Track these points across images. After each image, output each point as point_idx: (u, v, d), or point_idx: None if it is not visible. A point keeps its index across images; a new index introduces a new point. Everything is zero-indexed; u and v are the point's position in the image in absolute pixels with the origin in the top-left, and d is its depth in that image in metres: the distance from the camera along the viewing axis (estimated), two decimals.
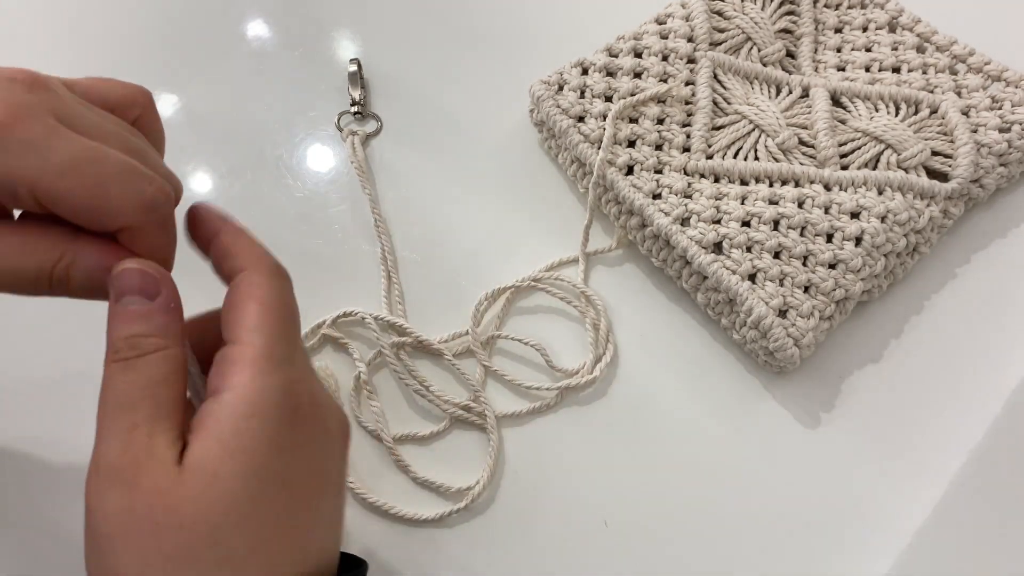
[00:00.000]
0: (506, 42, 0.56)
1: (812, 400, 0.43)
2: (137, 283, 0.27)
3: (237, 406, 0.25)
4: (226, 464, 0.25)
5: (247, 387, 0.25)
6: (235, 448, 0.25)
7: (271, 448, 0.25)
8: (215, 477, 0.25)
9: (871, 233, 0.42)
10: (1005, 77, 0.49)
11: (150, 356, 0.26)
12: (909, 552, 0.38)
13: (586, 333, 0.44)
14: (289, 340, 0.27)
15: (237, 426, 0.25)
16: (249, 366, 0.26)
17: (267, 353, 0.26)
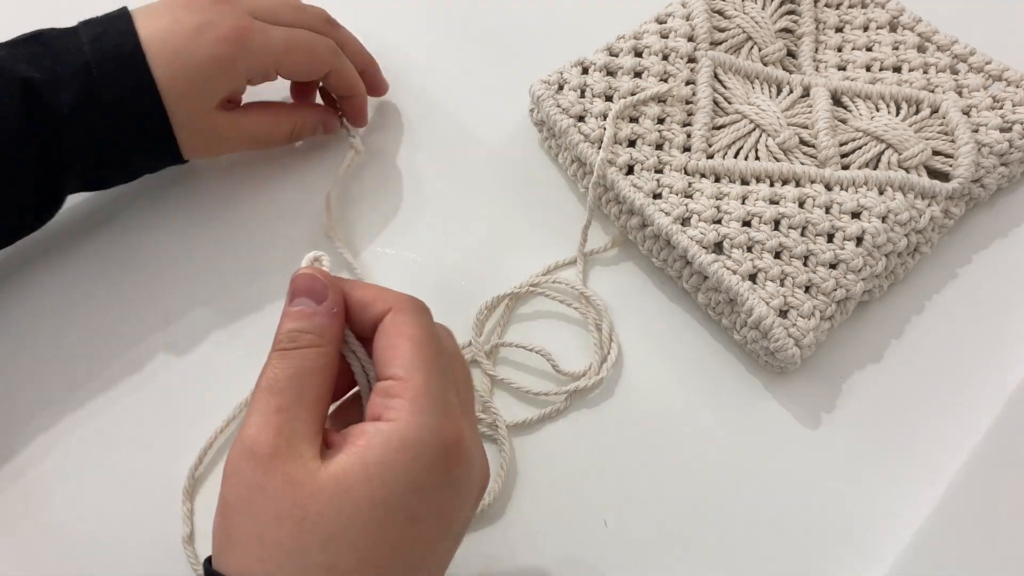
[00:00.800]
0: (506, 42, 0.56)
1: (813, 400, 0.43)
2: (308, 286, 0.30)
3: (391, 437, 0.27)
4: (362, 486, 0.26)
5: (405, 421, 0.27)
6: (375, 475, 0.26)
7: (408, 485, 0.27)
8: (348, 492, 0.26)
9: (872, 233, 0.42)
10: (1006, 77, 0.49)
11: (304, 350, 0.29)
12: (909, 552, 0.38)
13: (588, 335, 0.44)
14: (441, 376, 0.29)
15: (385, 456, 0.27)
16: (409, 401, 0.28)
17: (425, 390, 0.28)
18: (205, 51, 0.40)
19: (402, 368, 0.28)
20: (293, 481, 0.26)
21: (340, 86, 0.47)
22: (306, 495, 0.26)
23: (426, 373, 0.28)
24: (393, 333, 0.30)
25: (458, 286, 0.46)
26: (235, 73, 0.41)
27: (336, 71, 0.45)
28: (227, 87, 0.42)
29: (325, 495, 0.26)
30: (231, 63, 0.41)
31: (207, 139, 0.43)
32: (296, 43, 0.43)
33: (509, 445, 0.41)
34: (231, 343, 0.44)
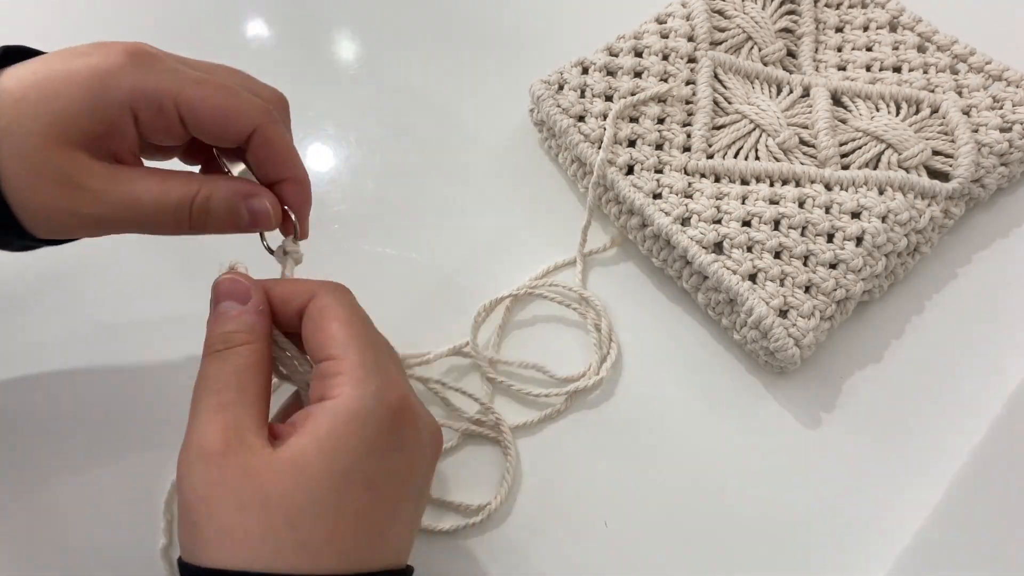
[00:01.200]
0: (506, 42, 0.56)
1: (813, 400, 0.43)
2: (230, 289, 0.31)
3: (338, 410, 0.28)
4: (317, 460, 0.27)
5: (347, 395, 0.28)
6: (328, 448, 0.27)
7: (362, 451, 0.28)
8: (304, 469, 0.27)
9: (872, 233, 0.42)
10: (1006, 77, 0.49)
11: (238, 348, 0.30)
12: (909, 552, 0.38)
13: (587, 335, 0.44)
14: (376, 347, 0.30)
15: (334, 429, 0.28)
16: (348, 375, 0.29)
17: (360, 362, 0.29)
18: (80, 62, 0.30)
19: (336, 347, 0.29)
20: (250, 470, 0.27)
21: (269, 160, 0.33)
22: (265, 480, 0.26)
23: (359, 347, 0.29)
24: (318, 317, 0.30)
25: (458, 286, 0.46)
26: (114, 90, 0.30)
27: (264, 133, 0.32)
28: (99, 111, 0.30)
29: (284, 476, 0.27)
30: (111, 75, 0.30)
31: (62, 194, 0.30)
32: (212, 81, 0.32)
33: (515, 449, 0.41)
34: None
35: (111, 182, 0.30)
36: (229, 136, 0.32)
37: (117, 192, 0.31)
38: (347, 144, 0.52)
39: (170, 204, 0.31)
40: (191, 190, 0.31)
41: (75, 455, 0.41)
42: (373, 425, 0.28)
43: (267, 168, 0.33)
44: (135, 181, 0.31)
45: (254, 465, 0.27)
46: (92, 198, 0.30)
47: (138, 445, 0.41)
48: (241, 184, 0.33)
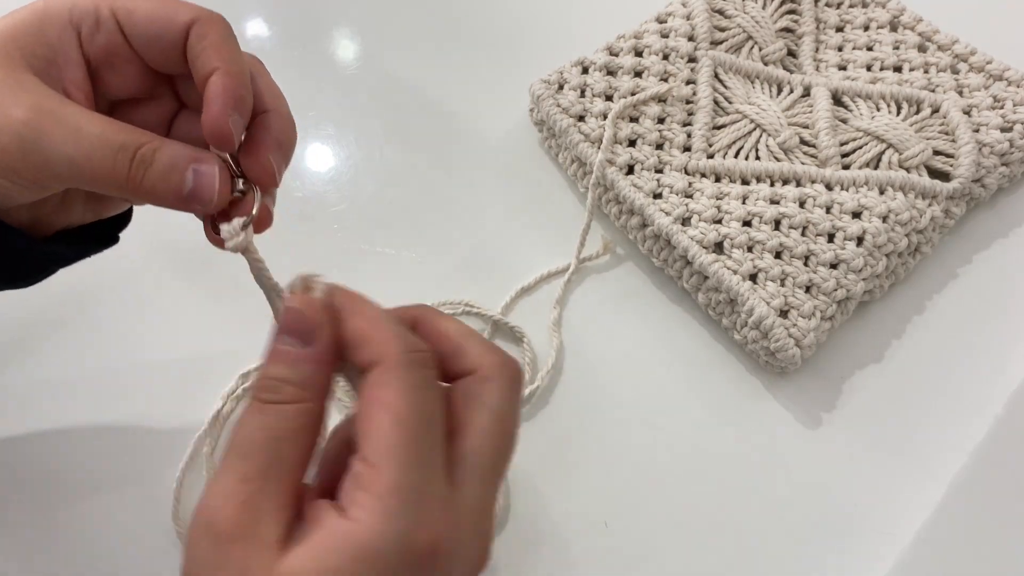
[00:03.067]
0: (506, 42, 0.56)
1: (813, 400, 0.42)
2: (295, 325, 0.25)
3: (350, 542, 0.23)
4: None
5: (367, 525, 0.23)
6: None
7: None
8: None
9: (873, 233, 0.42)
10: (1007, 76, 0.49)
11: (283, 407, 0.25)
12: (910, 552, 0.38)
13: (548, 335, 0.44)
14: (423, 465, 0.24)
15: (341, 564, 0.23)
16: (376, 499, 0.23)
17: (396, 486, 0.23)
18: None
19: (374, 452, 0.24)
20: (247, 570, 0.23)
21: (204, 51, 0.29)
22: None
23: (400, 464, 0.23)
24: (372, 399, 0.24)
25: (459, 286, 0.46)
26: (52, 10, 0.28)
27: (201, 27, 0.29)
28: (44, 28, 0.28)
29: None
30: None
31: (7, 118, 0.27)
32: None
33: None
34: (229, 339, 0.44)
35: (53, 102, 0.27)
36: (167, 34, 0.29)
37: (57, 112, 0.27)
38: (347, 144, 0.52)
39: (114, 144, 0.27)
40: (142, 138, 0.27)
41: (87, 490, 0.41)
42: (388, 570, 0.23)
43: (200, 62, 0.29)
44: (80, 112, 0.27)
45: (253, 566, 0.23)
46: (24, 113, 0.26)
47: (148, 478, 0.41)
48: (195, 149, 0.28)
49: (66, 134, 0.27)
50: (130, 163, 0.27)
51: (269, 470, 0.24)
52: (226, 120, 0.28)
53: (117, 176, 0.27)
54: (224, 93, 0.28)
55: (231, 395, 0.41)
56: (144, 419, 0.42)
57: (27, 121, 0.26)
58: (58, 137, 0.27)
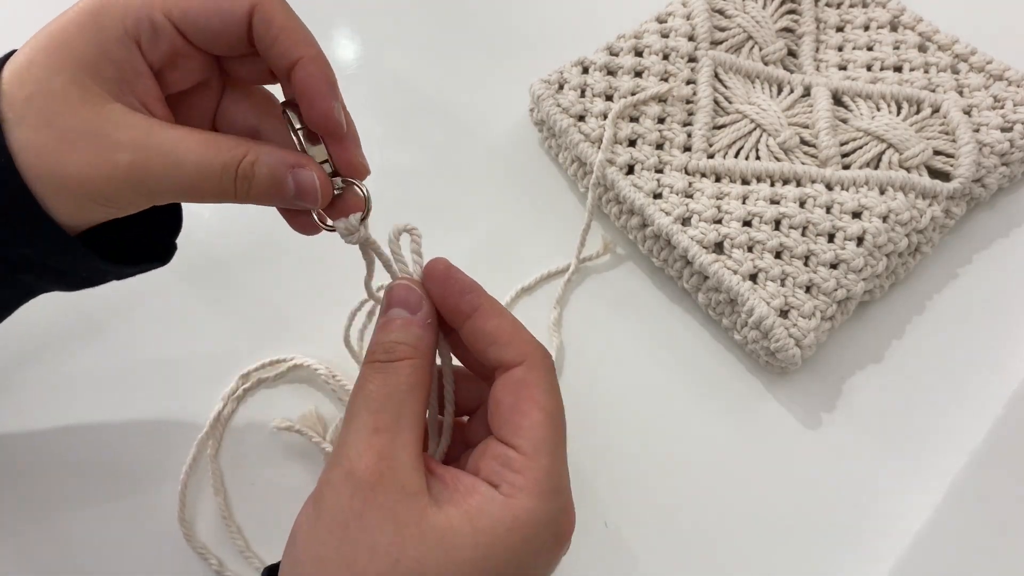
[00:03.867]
0: (506, 42, 0.56)
1: (813, 400, 0.42)
2: (403, 296, 0.29)
3: (506, 513, 0.26)
4: (467, 551, 0.25)
5: (523, 504, 0.26)
6: (483, 544, 0.25)
7: (513, 564, 0.26)
8: (450, 552, 0.25)
9: (873, 233, 0.42)
10: (1007, 76, 0.49)
11: (399, 364, 0.28)
12: (910, 553, 0.38)
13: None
14: (563, 458, 0.28)
15: (496, 528, 0.25)
16: (532, 482, 0.26)
17: (548, 474, 0.26)
18: (70, 14, 0.28)
19: (529, 443, 0.27)
20: (395, 518, 0.25)
21: (273, 35, 0.29)
22: (406, 537, 0.25)
23: (552, 455, 0.27)
24: (525, 396, 0.27)
25: None
26: (108, 19, 0.27)
27: (263, 7, 0.29)
28: (104, 48, 0.27)
29: (426, 545, 0.25)
30: (98, 10, 0.27)
31: (88, 144, 0.27)
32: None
33: None
34: (229, 341, 0.44)
35: (148, 134, 0.27)
36: (229, 26, 0.28)
37: (155, 146, 0.27)
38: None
39: (215, 167, 0.28)
40: (238, 153, 0.28)
41: (94, 495, 0.41)
42: (534, 545, 0.26)
43: (277, 49, 0.29)
44: (176, 138, 0.28)
45: (402, 514, 0.25)
46: (129, 156, 0.27)
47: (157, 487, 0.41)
48: (289, 153, 0.29)
49: (168, 168, 0.28)
50: (234, 181, 0.28)
51: (399, 421, 0.26)
52: (333, 111, 0.29)
53: (224, 194, 0.29)
54: (322, 84, 0.29)
55: (231, 396, 0.41)
56: (144, 422, 0.42)
57: (132, 163, 0.27)
58: (162, 173, 0.28)
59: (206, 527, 0.39)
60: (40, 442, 0.41)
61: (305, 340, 0.43)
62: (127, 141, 0.27)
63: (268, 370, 0.42)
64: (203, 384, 0.42)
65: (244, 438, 0.41)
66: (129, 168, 0.27)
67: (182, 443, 0.40)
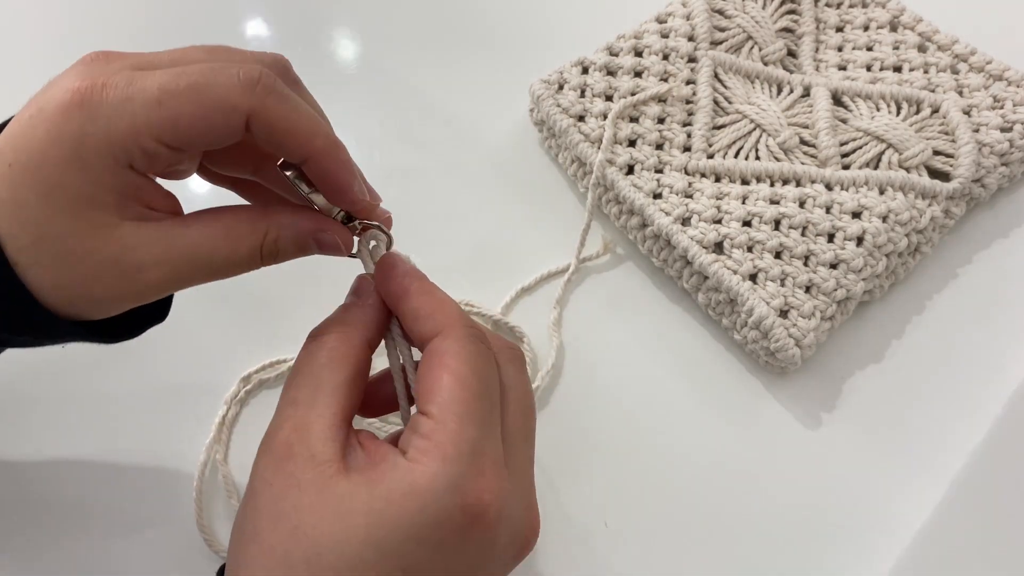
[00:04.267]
0: (506, 42, 0.56)
1: (813, 400, 0.42)
2: (357, 285, 0.31)
3: (403, 478, 0.25)
4: (361, 518, 0.24)
5: (422, 467, 0.25)
6: (376, 511, 0.24)
7: (408, 535, 0.24)
8: (344, 518, 0.24)
9: (873, 233, 0.42)
10: (1007, 76, 0.49)
11: (323, 338, 0.28)
12: (910, 553, 0.38)
13: None
14: (480, 423, 0.26)
15: (391, 495, 0.24)
16: (435, 446, 0.25)
17: (455, 439, 0.25)
18: (41, 132, 0.25)
19: (437, 407, 0.26)
20: (298, 483, 0.25)
21: (276, 139, 0.27)
22: (305, 504, 0.25)
23: (461, 419, 0.25)
24: (436, 363, 0.27)
25: (458, 286, 0.46)
26: (89, 156, 0.25)
27: (259, 114, 0.26)
28: (91, 182, 0.26)
29: (322, 510, 0.24)
30: (77, 141, 0.25)
31: (112, 273, 0.27)
32: (178, 83, 0.25)
33: None
34: (229, 342, 0.44)
35: (169, 246, 0.27)
36: (225, 138, 0.27)
37: (179, 256, 0.27)
38: (346, 144, 0.52)
39: (242, 256, 0.28)
40: (258, 237, 0.28)
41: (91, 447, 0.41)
42: (432, 514, 0.24)
43: (284, 152, 0.28)
44: (197, 240, 0.27)
45: (305, 480, 0.25)
46: (157, 272, 0.27)
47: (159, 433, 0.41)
48: (307, 220, 0.29)
49: (196, 270, 0.28)
50: (260, 260, 0.29)
51: (316, 393, 0.26)
52: (357, 197, 0.30)
53: (251, 268, 0.29)
54: (339, 178, 0.29)
55: (234, 399, 0.41)
56: (149, 428, 0.42)
57: (162, 278, 0.27)
58: (192, 275, 0.28)
59: (227, 531, 0.38)
60: (41, 453, 0.41)
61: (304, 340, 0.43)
62: (151, 259, 0.27)
63: (268, 371, 0.42)
64: (205, 388, 0.42)
65: (250, 440, 0.41)
66: (160, 282, 0.27)
67: (190, 449, 0.40)
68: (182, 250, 0.27)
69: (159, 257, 0.27)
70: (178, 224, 0.28)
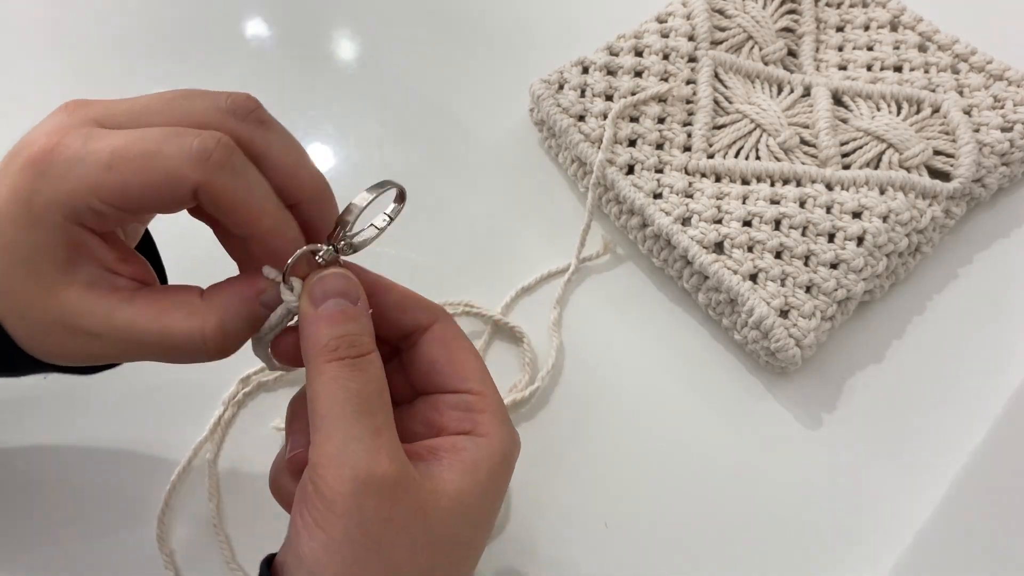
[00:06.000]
0: (506, 42, 0.56)
1: (813, 400, 0.42)
2: (341, 287, 0.28)
3: (493, 451, 0.28)
4: (479, 502, 0.27)
5: (498, 435, 0.28)
6: (489, 490, 0.28)
7: (502, 493, 0.29)
8: (468, 510, 0.27)
9: (873, 233, 0.42)
10: (1007, 76, 0.49)
11: (371, 357, 0.27)
12: (910, 553, 0.38)
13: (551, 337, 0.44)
14: (494, 383, 0.30)
15: (493, 469, 0.28)
16: (494, 416, 0.29)
17: (499, 402, 0.30)
18: (3, 189, 0.26)
19: (477, 382, 0.29)
20: (421, 508, 0.26)
21: (222, 213, 0.26)
22: (434, 521, 0.26)
23: (492, 387, 0.30)
24: (455, 346, 0.30)
25: (458, 286, 0.46)
26: (38, 212, 0.25)
27: (206, 188, 0.25)
28: (41, 238, 0.26)
29: (450, 517, 0.26)
30: (28, 199, 0.25)
31: (61, 333, 0.27)
32: (129, 150, 0.25)
33: None
34: None
35: (108, 319, 0.26)
36: (172, 206, 0.26)
37: (114, 328, 0.26)
38: (346, 144, 0.52)
39: (176, 340, 0.27)
40: (195, 323, 0.27)
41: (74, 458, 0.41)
42: (511, 465, 0.29)
43: (230, 226, 0.27)
44: (130, 314, 0.27)
45: (423, 502, 0.26)
46: (99, 342, 0.27)
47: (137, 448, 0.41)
48: (243, 286, 0.28)
49: (135, 348, 0.27)
50: (204, 348, 0.27)
51: (388, 418, 0.26)
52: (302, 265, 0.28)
53: (201, 358, 0.28)
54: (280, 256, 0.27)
55: (232, 400, 0.41)
56: (144, 428, 0.41)
57: (104, 346, 0.27)
58: (136, 351, 0.27)
59: (196, 533, 0.38)
60: (30, 444, 0.41)
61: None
62: (92, 327, 0.26)
63: (267, 373, 0.42)
64: (203, 388, 0.42)
65: (247, 442, 0.41)
66: (103, 349, 0.27)
67: (184, 449, 0.40)
68: (117, 326, 0.26)
69: (98, 328, 0.26)
70: (124, 299, 0.27)
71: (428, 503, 0.26)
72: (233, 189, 0.25)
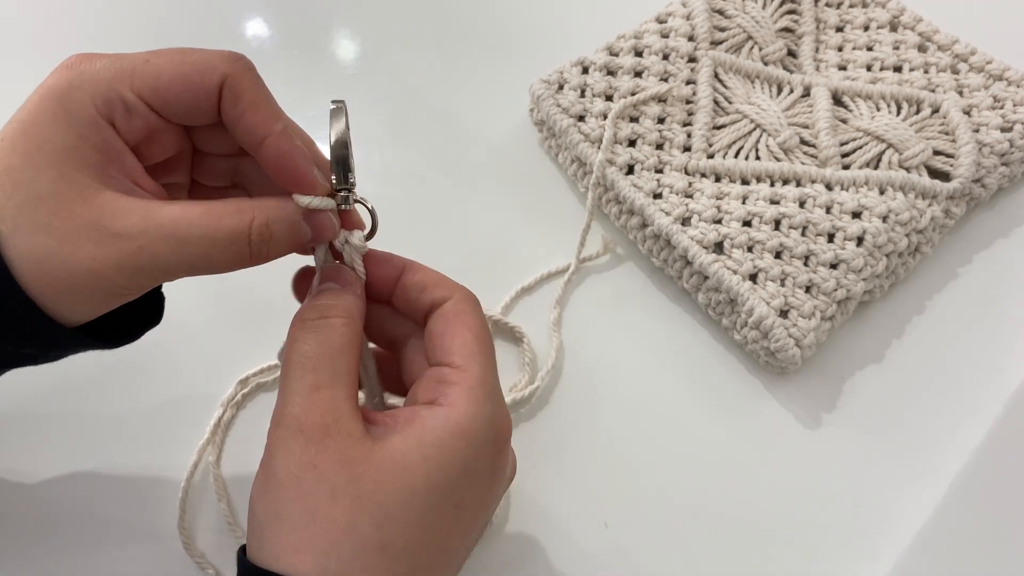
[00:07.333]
0: (506, 42, 0.56)
1: (813, 400, 0.42)
2: (336, 275, 0.31)
3: (449, 422, 0.27)
4: (419, 467, 0.26)
5: (462, 409, 0.28)
6: (432, 457, 0.27)
7: (461, 471, 0.27)
8: (404, 472, 0.26)
9: (873, 233, 0.42)
10: (1007, 76, 0.49)
11: (333, 321, 0.29)
12: (910, 553, 0.38)
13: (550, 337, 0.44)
14: (493, 367, 0.30)
15: (442, 439, 0.27)
16: (467, 390, 0.28)
17: (482, 382, 0.29)
18: (33, 98, 0.27)
19: (461, 357, 0.29)
20: (348, 459, 0.26)
21: (240, 110, 0.28)
22: (361, 472, 0.26)
23: (483, 365, 0.29)
24: (454, 321, 0.30)
25: None
26: (73, 106, 0.26)
27: (233, 81, 0.28)
28: (74, 136, 0.26)
29: (381, 474, 0.26)
30: (64, 95, 0.27)
31: (91, 238, 0.26)
32: (161, 52, 0.28)
33: None
34: (227, 345, 0.44)
35: (147, 218, 0.27)
36: (200, 100, 0.28)
37: (157, 228, 0.26)
38: None
39: (222, 236, 0.27)
40: (244, 218, 0.28)
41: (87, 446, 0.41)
42: (478, 447, 0.28)
43: (243, 125, 0.28)
44: (176, 216, 0.27)
45: (353, 455, 0.26)
46: (133, 243, 0.26)
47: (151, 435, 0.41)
48: (294, 204, 0.29)
49: (175, 247, 0.27)
50: (248, 247, 0.28)
51: (336, 378, 0.28)
52: (315, 182, 0.29)
53: (237, 260, 0.28)
54: (292, 163, 0.29)
55: (231, 402, 0.41)
56: (144, 431, 0.41)
57: (139, 250, 0.27)
58: (170, 253, 0.27)
59: (211, 535, 0.39)
60: (33, 450, 0.41)
61: None
62: (128, 228, 0.26)
63: (266, 374, 0.42)
64: (202, 391, 0.42)
65: (245, 444, 0.41)
66: (136, 255, 0.27)
67: (184, 451, 0.40)
68: (159, 223, 0.27)
69: (137, 226, 0.26)
70: (160, 201, 0.28)
71: (356, 457, 0.26)
72: (255, 87, 0.29)
